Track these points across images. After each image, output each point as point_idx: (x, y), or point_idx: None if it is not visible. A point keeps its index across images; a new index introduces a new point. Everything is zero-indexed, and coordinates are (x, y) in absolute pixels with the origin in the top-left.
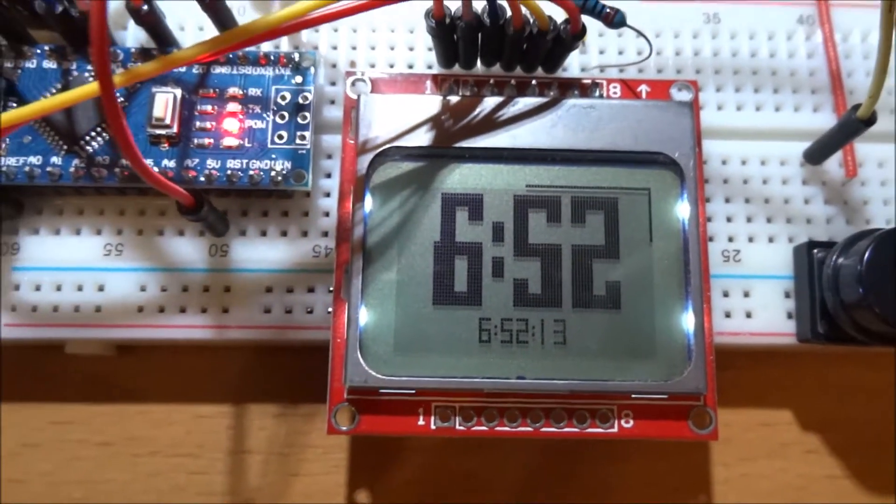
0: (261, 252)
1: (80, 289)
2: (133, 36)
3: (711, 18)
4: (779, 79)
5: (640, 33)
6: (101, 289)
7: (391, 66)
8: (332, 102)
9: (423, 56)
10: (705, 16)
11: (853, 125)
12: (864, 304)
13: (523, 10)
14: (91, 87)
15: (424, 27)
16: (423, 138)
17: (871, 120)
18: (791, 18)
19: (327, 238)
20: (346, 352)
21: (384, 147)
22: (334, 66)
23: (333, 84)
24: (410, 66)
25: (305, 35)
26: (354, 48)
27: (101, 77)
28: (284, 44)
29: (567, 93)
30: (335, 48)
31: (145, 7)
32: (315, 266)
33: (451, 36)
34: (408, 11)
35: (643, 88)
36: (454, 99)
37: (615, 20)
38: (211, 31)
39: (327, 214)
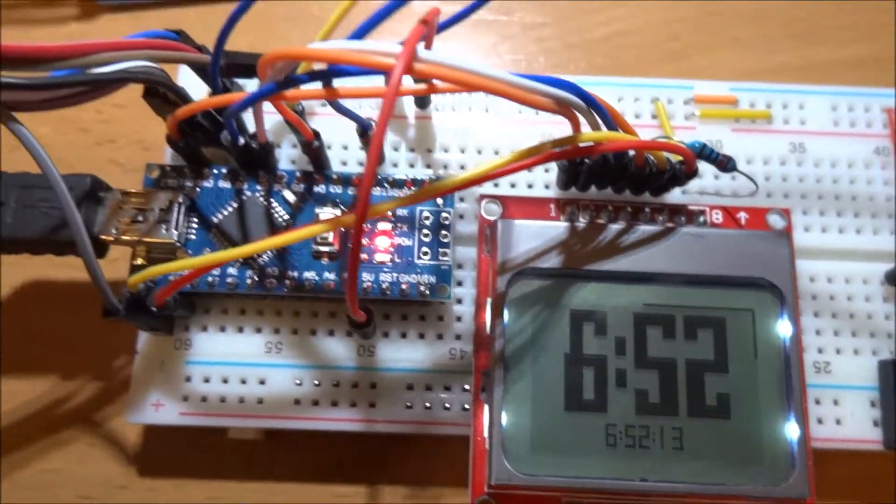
0: (402, 353)
1: (243, 382)
2: (285, 155)
3: (797, 148)
4: (859, 204)
5: (749, 178)
6: (262, 382)
7: (512, 186)
8: (462, 217)
9: (542, 177)
10: (791, 145)
11: None
12: None
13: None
14: (317, 228)
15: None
16: (553, 260)
17: None
18: (868, 149)
19: (461, 341)
20: (489, 452)
21: (521, 268)
22: None
23: (462, 200)
24: (530, 186)
25: (443, 157)
26: None
27: (357, 224)
28: (417, 162)
29: (675, 217)
30: (462, 167)
31: (316, 143)
32: (451, 367)
33: (577, 169)
34: (526, 137)
35: (742, 215)
36: (581, 225)
37: (728, 166)
38: (353, 151)
39: (459, 319)
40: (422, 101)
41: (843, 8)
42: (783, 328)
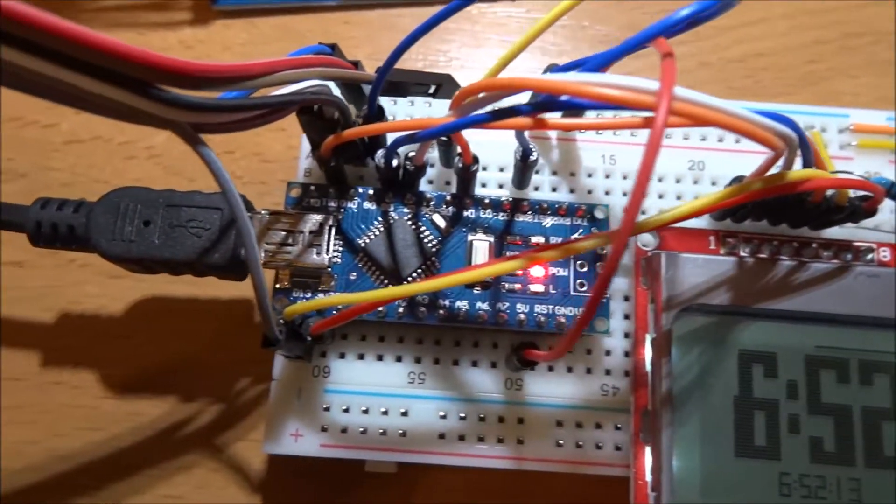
0: (551, 387)
1: (385, 413)
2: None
3: None
4: None
5: None
6: (404, 413)
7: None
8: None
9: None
10: None
11: None
12: None
13: None
14: (550, 254)
15: (690, 178)
16: (722, 296)
17: None
18: None
19: (611, 377)
20: (657, 496)
21: (688, 304)
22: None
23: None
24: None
25: (587, 182)
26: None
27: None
28: (561, 186)
29: (841, 254)
30: (607, 193)
31: (475, 167)
32: (602, 404)
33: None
34: (675, 163)
35: None
36: (749, 261)
37: None
38: (492, 173)
39: (608, 353)
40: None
41: None
42: None
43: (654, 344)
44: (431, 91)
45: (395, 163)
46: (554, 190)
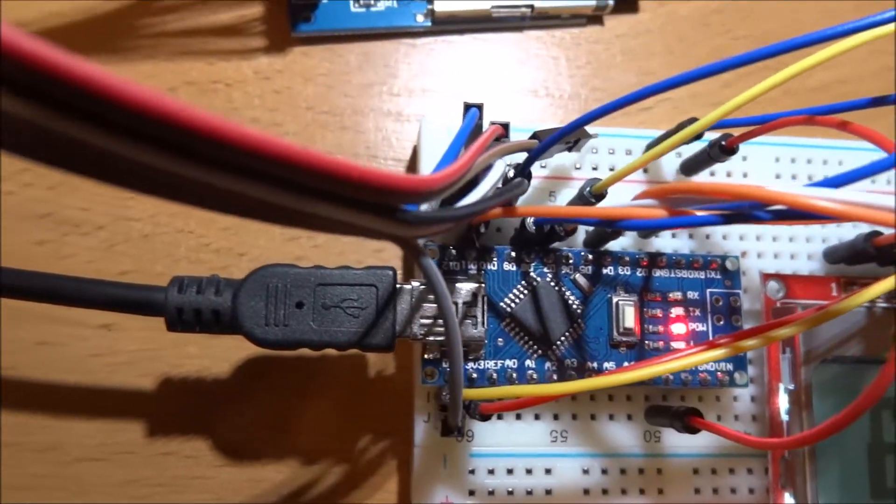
0: (686, 438)
1: (529, 472)
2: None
3: None
4: None
5: None
6: (548, 472)
7: (775, 257)
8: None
9: (804, 247)
10: None
11: None
12: None
13: None
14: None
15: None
16: (855, 347)
17: None
18: None
19: (739, 422)
20: None
21: (823, 357)
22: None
23: (743, 273)
24: (792, 257)
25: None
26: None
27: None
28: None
29: None
30: (724, 237)
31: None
32: (734, 450)
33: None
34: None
35: None
36: (879, 310)
37: None
38: None
39: (736, 399)
40: (693, 168)
41: None
42: None
43: (793, 396)
44: (568, 146)
45: (546, 227)
46: (673, 235)
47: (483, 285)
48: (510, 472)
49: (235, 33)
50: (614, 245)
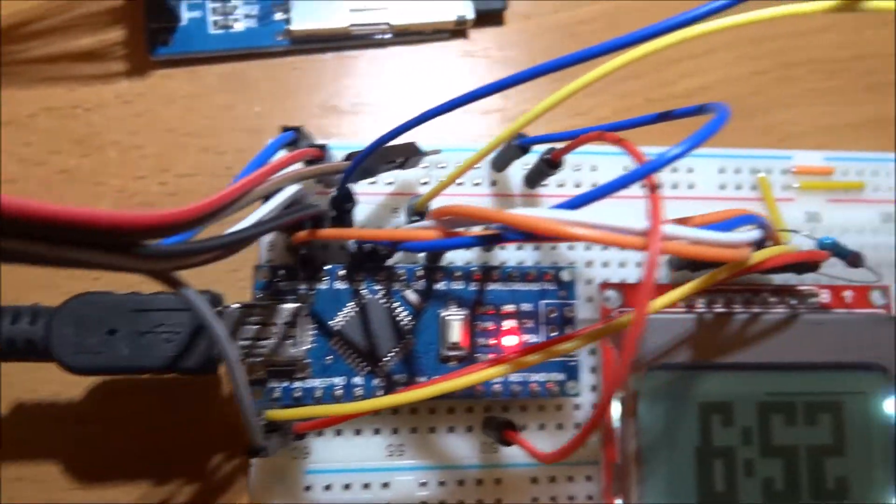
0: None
1: (366, 486)
2: None
3: (887, 218)
4: None
5: (874, 272)
6: (385, 485)
7: (621, 266)
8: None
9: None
10: (882, 215)
11: None
12: None
13: None
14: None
15: None
16: (683, 354)
17: None
18: None
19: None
20: None
21: (653, 364)
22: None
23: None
24: (638, 264)
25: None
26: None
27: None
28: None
29: (786, 298)
30: (571, 248)
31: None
32: (573, 458)
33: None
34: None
35: (847, 294)
36: (708, 317)
37: (856, 263)
38: None
39: (577, 407)
40: (537, 179)
41: None
42: (891, 406)
43: (622, 403)
44: (399, 163)
45: (367, 247)
46: (519, 248)
47: (304, 305)
48: (347, 487)
49: (96, 58)
50: (457, 258)
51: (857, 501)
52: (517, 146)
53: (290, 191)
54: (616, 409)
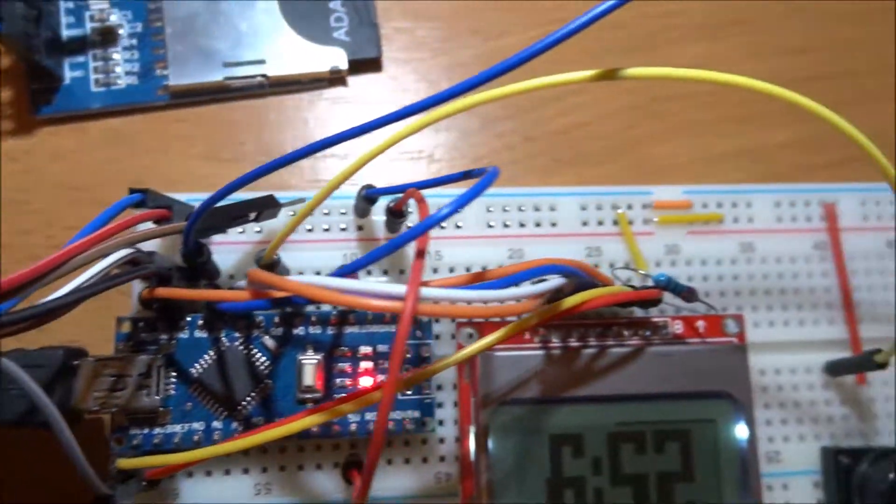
0: (390, 481)
1: None
2: None
3: (746, 247)
4: (801, 297)
5: (709, 306)
6: None
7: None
8: (437, 338)
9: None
10: (741, 245)
11: (870, 364)
12: None
13: None
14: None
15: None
16: (533, 389)
17: (885, 365)
18: (808, 244)
19: (445, 463)
20: None
21: (503, 399)
22: None
23: (437, 321)
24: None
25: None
26: None
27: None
28: None
29: (639, 330)
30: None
31: None
32: (438, 491)
33: None
34: (495, 254)
35: (700, 324)
36: (557, 352)
37: (690, 298)
38: None
39: (442, 441)
40: (392, 225)
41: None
42: (741, 431)
43: (475, 438)
44: (253, 217)
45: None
46: None
47: (158, 356)
48: None
49: None
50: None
51: None
52: (364, 197)
53: (115, 256)
54: (472, 442)
